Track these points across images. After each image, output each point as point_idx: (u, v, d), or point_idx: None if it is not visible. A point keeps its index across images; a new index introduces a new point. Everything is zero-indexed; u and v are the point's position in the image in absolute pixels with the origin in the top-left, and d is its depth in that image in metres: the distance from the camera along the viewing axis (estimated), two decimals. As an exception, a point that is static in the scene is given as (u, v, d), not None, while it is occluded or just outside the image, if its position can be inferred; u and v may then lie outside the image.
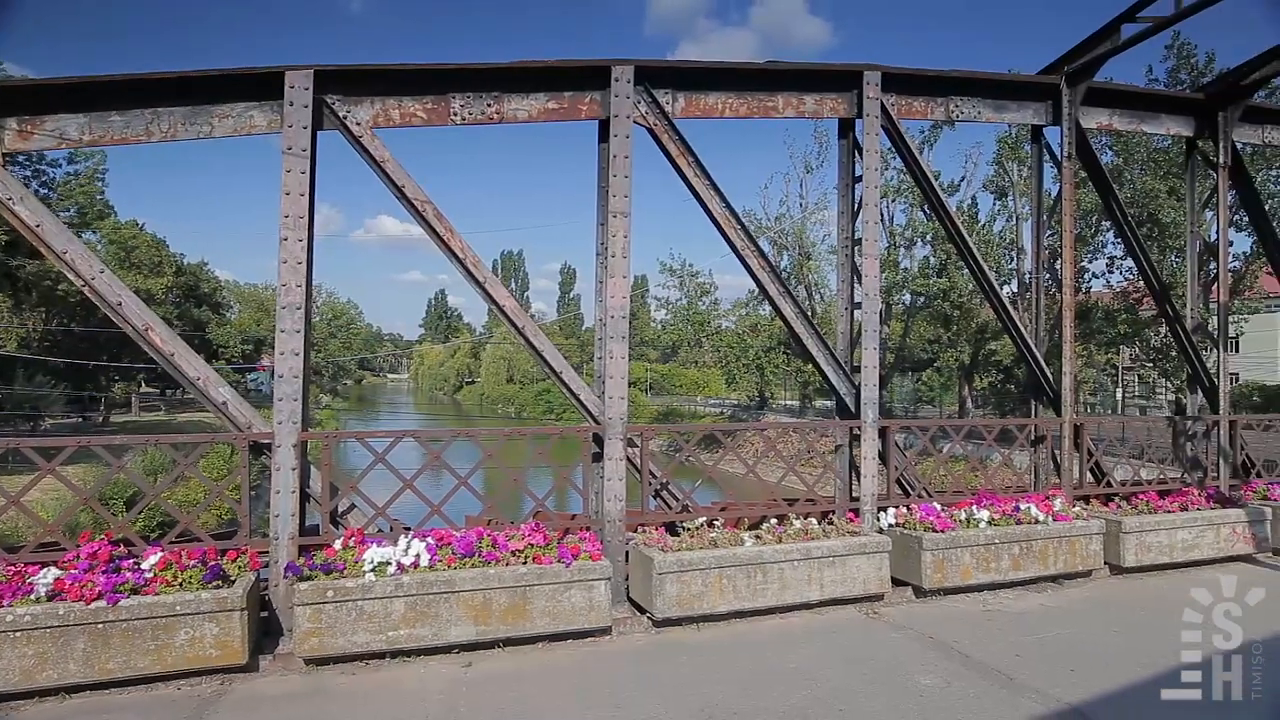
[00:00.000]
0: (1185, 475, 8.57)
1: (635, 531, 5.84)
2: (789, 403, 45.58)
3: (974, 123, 7.56)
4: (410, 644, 4.72)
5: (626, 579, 5.71)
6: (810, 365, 6.93)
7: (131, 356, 35.57)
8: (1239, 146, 8.68)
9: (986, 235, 28.89)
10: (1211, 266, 8.69)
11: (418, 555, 4.87)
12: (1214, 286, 8.73)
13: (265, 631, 4.99)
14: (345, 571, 4.76)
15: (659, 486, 6.28)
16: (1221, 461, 8.36)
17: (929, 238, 30.21)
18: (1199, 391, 8.66)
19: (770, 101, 6.69)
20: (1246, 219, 10.27)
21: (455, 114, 5.85)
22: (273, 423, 5.18)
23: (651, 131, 6.25)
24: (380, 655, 4.75)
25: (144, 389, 50.94)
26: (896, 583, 6.14)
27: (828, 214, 35.00)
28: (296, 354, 5.21)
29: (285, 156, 5.27)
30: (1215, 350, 8.71)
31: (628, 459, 5.91)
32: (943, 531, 6.12)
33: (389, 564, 4.79)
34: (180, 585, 4.47)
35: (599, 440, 5.81)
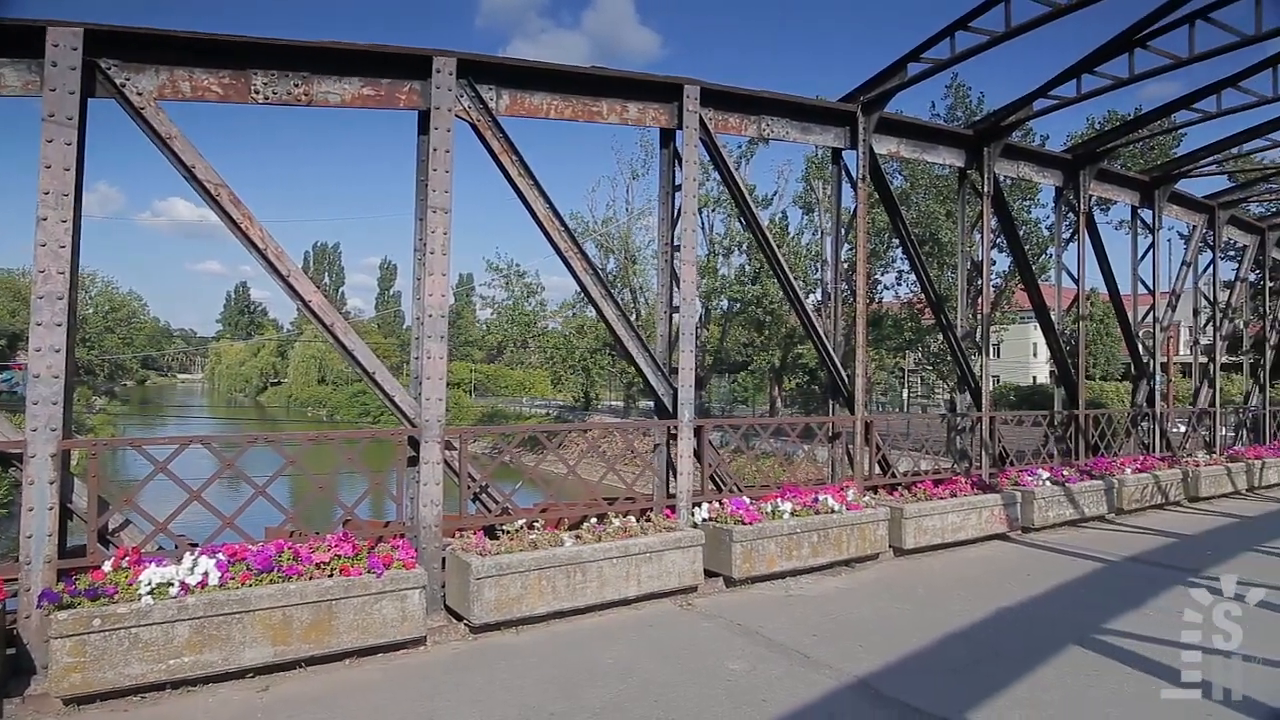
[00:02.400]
0: (955, 465, 9.71)
1: (453, 537, 5.68)
2: (614, 403, 46.33)
3: (784, 141, 8.09)
4: (197, 672, 4.29)
5: (443, 586, 5.55)
6: (633, 367, 7.09)
7: None
8: (1000, 178, 9.98)
9: (795, 247, 31.05)
10: (978, 282, 9.89)
11: (206, 573, 4.43)
12: (979, 300, 9.94)
13: (14, 671, 4.32)
14: (117, 596, 4.23)
15: (478, 490, 6.16)
16: (984, 453, 9.54)
17: (745, 247, 31.97)
18: (967, 392, 9.84)
19: (595, 106, 6.78)
20: (1005, 242, 11.89)
21: (257, 92, 5.41)
22: (25, 430, 4.50)
23: (475, 127, 6.12)
24: (160, 687, 4.26)
25: None
26: (709, 574, 6.44)
27: (652, 219, 36.12)
28: (57, 351, 4.57)
29: (46, 124, 4.62)
30: (980, 355, 9.94)
31: (446, 462, 5.74)
32: (751, 524, 6.50)
33: (171, 585, 4.32)
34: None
35: (415, 443, 5.60)
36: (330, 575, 4.70)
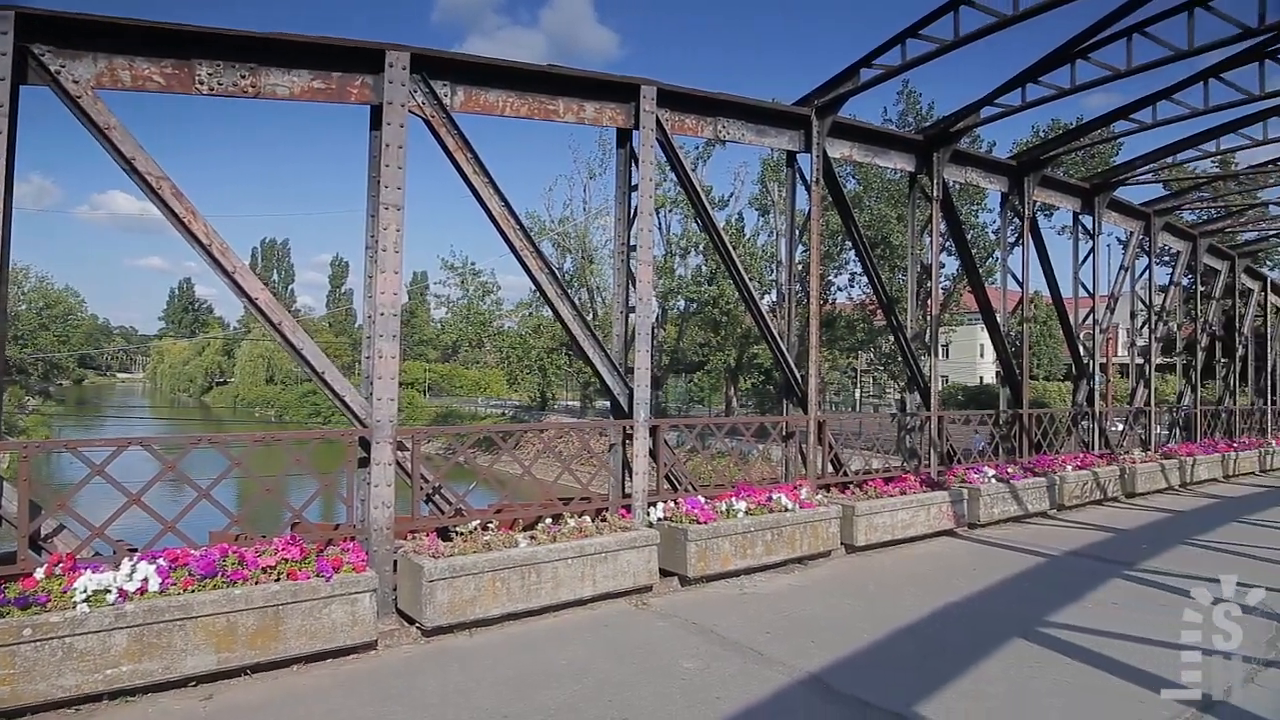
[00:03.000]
0: (905, 463, 9.92)
1: (405, 539, 5.60)
2: (570, 403, 46.19)
3: (740, 143, 8.16)
4: (136, 681, 4.14)
5: (395, 590, 5.46)
6: (589, 367, 7.09)
7: None
8: (949, 183, 10.22)
9: (751, 248, 31.37)
10: (928, 284, 10.12)
11: (146, 579, 4.28)
12: (928, 302, 10.17)
13: (-66, 685, 4.11)
14: (49, 604, 4.06)
15: (431, 491, 6.08)
16: (932, 451, 9.77)
17: (702, 247, 32.18)
18: (916, 391, 10.06)
19: (552, 105, 6.75)
20: (954, 246, 12.23)
21: (201, 82, 5.25)
22: (-51, 431, 4.30)
23: (429, 123, 6.04)
24: (96, 698, 4.11)
25: None
26: (665, 573, 6.46)
27: (610, 219, 35.94)
28: (-16, 348, 4.37)
29: (-29, 112, 4.41)
30: (929, 356, 10.17)
31: (398, 463, 5.65)
32: (706, 523, 6.54)
33: (108, 592, 4.17)
34: None
35: (366, 444, 5.50)
36: (277, 580, 4.59)
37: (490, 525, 5.87)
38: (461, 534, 5.61)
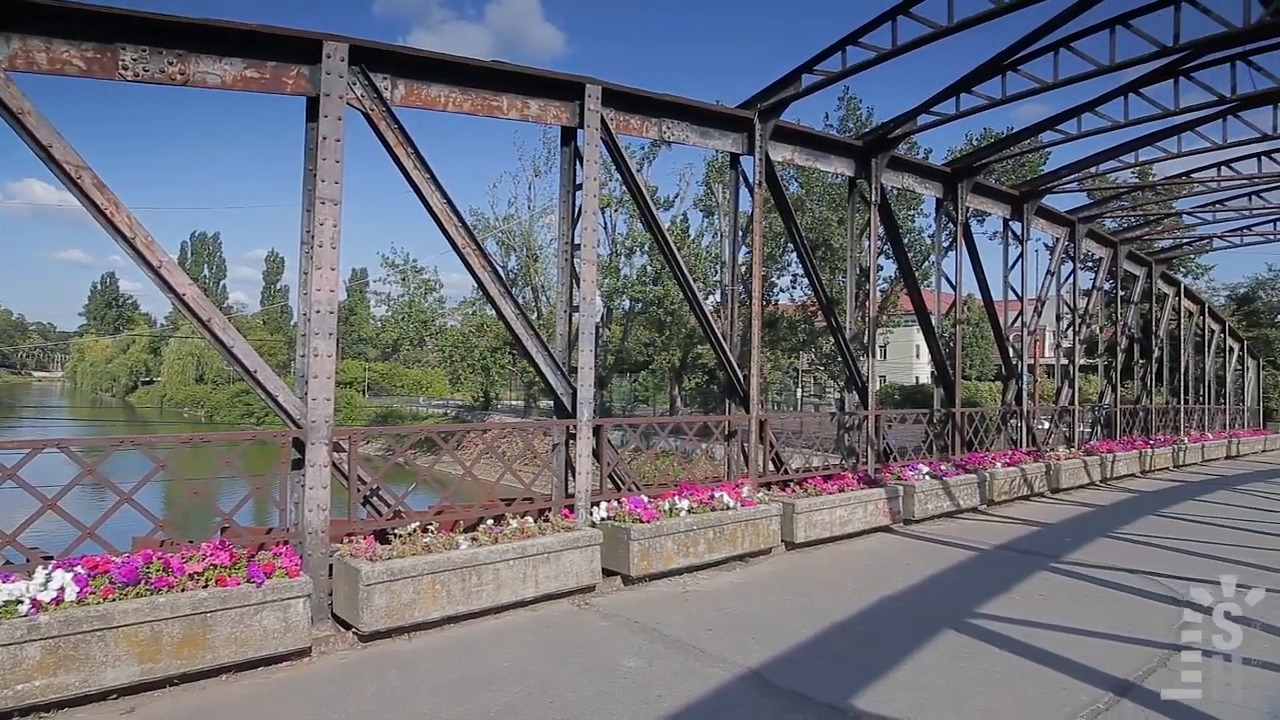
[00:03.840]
0: (843, 461, 10.13)
1: (342, 543, 5.46)
2: (514, 403, 45.76)
3: (684, 144, 8.21)
4: (51, 696, 3.93)
5: (331, 594, 5.32)
6: (532, 366, 7.04)
7: None
8: (886, 188, 10.48)
9: (696, 249, 31.57)
10: (866, 287, 10.36)
11: (62, 588, 4.07)
12: (867, 303, 10.41)
13: None
14: (-47, 616, 3.84)
15: (369, 493, 5.95)
16: (869, 449, 10.00)
17: (647, 247, 32.25)
18: (855, 391, 10.29)
19: (495, 101, 6.68)
20: (891, 249, 12.60)
21: (126, 68, 5.02)
22: None
23: (368, 116, 5.91)
24: (6, 716, 3.89)
25: None
26: (608, 573, 6.46)
27: (555, 218, 35.74)
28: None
29: None
30: (867, 356, 10.41)
31: (334, 465, 5.51)
32: (649, 522, 6.56)
33: (20, 602, 3.95)
34: None
35: (300, 445, 5.35)
36: (205, 586, 4.42)
37: (431, 527, 5.77)
38: (400, 536, 5.51)
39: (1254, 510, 11.31)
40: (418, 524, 5.71)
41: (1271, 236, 18.03)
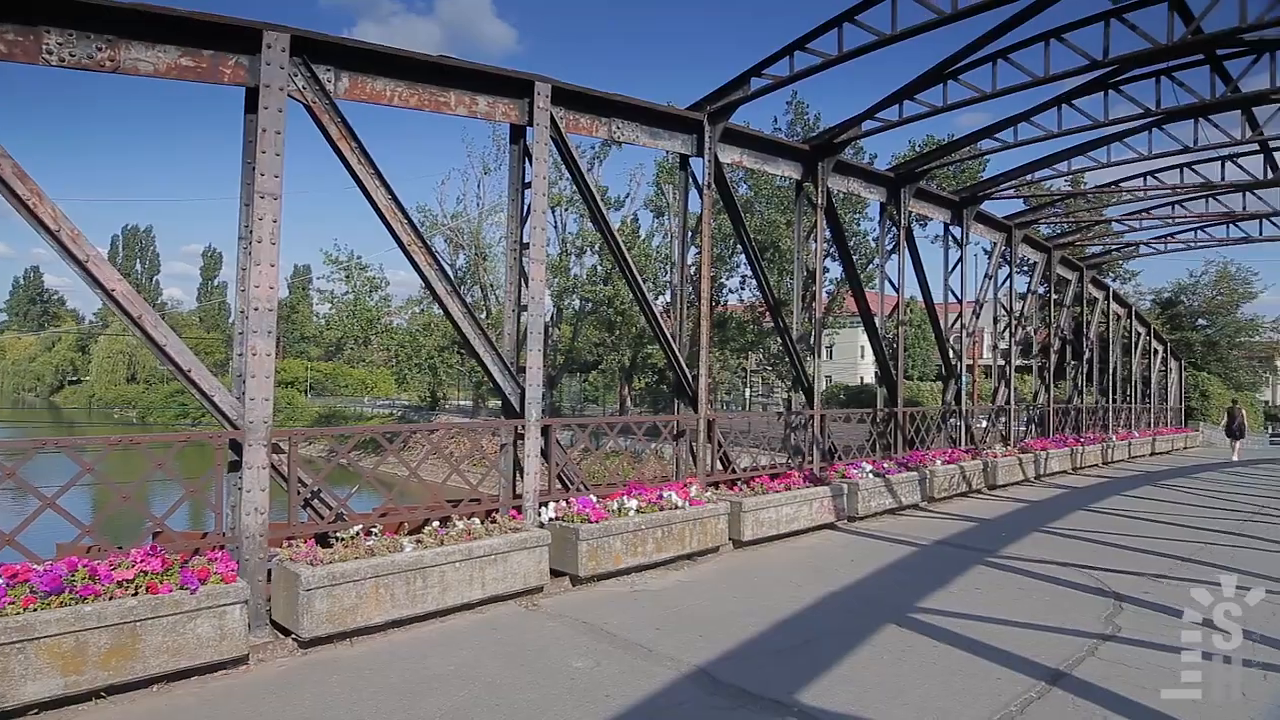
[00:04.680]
0: (790, 460, 10.28)
1: (281, 547, 5.31)
2: (463, 403, 45.20)
3: (634, 145, 8.23)
4: (-37, 711, 3.74)
5: (269, 600, 5.17)
6: (480, 366, 6.97)
7: None
8: (833, 191, 10.68)
9: (646, 250, 31.64)
10: (813, 288, 10.54)
11: (-23, 598, 3.87)
12: (813, 305, 10.59)
13: None
14: None
15: (310, 495, 5.80)
16: (815, 448, 10.18)
17: (597, 247, 32.19)
18: (801, 391, 10.45)
19: (443, 97, 6.59)
20: (837, 251, 12.88)
21: (50, 53, 4.80)
22: None
23: (310, 109, 5.77)
24: (-86, 733, 3.69)
25: None
26: (556, 573, 6.42)
27: (505, 215, 35.34)
28: None
29: None
30: (813, 357, 10.59)
31: (273, 467, 5.36)
32: (597, 522, 6.55)
33: (-70, 613, 3.74)
34: None
35: (237, 447, 5.19)
36: (135, 594, 4.25)
37: (374, 530, 5.66)
38: (343, 540, 5.39)
39: (1176, 505, 11.87)
40: (361, 527, 5.60)
41: (1193, 244, 18.98)
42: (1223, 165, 13.09)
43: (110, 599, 4.16)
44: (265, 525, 5.19)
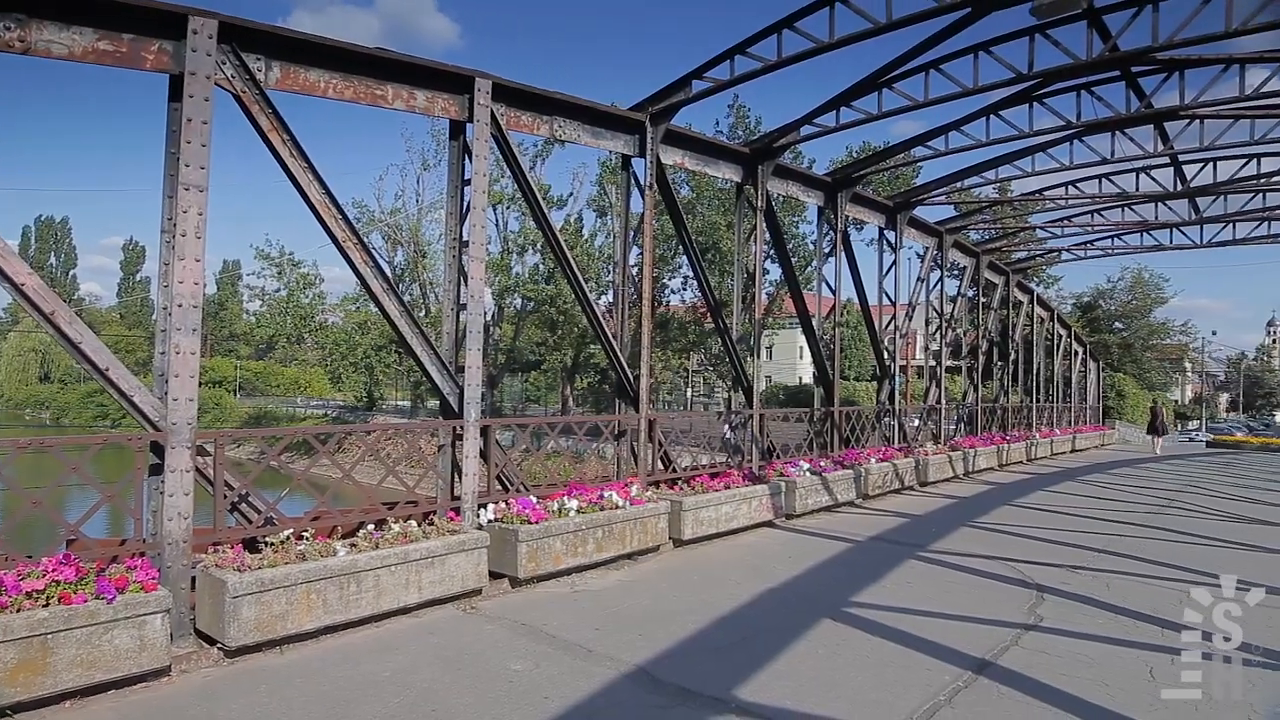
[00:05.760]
0: (730, 459, 10.40)
1: (206, 553, 5.11)
2: (400, 403, 44.27)
3: (576, 144, 8.20)
4: None
5: (194, 609, 4.97)
6: (418, 365, 6.84)
7: None
8: (773, 194, 10.84)
9: (589, 249, 31.57)
10: (753, 290, 10.68)
11: None
12: (753, 306, 10.73)
13: None
14: None
15: (237, 499, 5.60)
16: (754, 447, 10.32)
17: (539, 245, 31.95)
18: (741, 390, 10.58)
19: (380, 90, 6.45)
20: (776, 254, 13.09)
21: (-49, 31, 4.51)
22: None
23: (239, 99, 5.57)
24: None
25: None
26: (496, 576, 6.35)
27: (444, 212, 34.70)
28: None
29: None
30: (752, 357, 10.74)
31: (198, 470, 5.16)
32: (537, 523, 6.51)
33: None
34: None
35: (159, 449, 4.97)
36: (46, 605, 4.03)
37: (306, 534, 5.49)
38: (272, 544, 5.21)
39: (1093, 499, 12.46)
40: (291, 531, 5.42)
41: (1110, 251, 19.96)
42: (1137, 177, 13.82)
43: (18, 611, 3.93)
44: (189, 531, 4.99)
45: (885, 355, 14.00)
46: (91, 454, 5.33)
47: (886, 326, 14.53)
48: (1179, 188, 13.41)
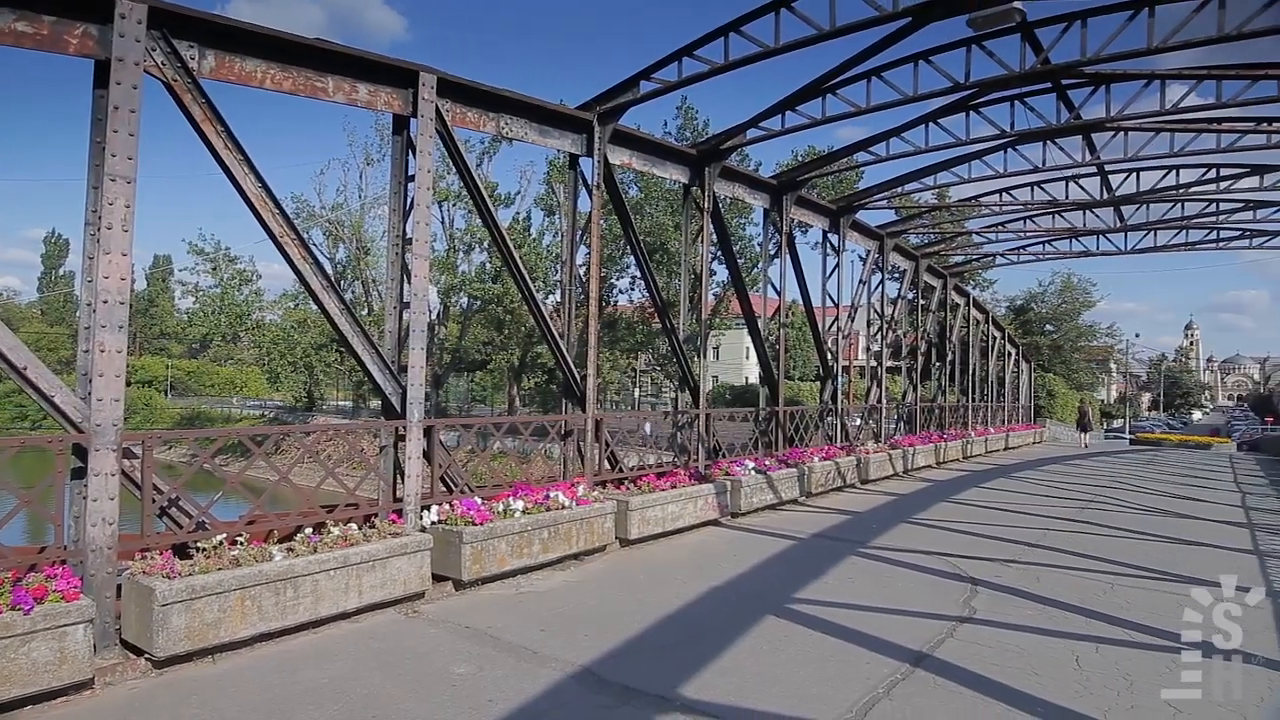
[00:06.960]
0: (676, 459, 10.46)
1: (133, 560, 4.90)
2: (342, 404, 43.23)
3: (523, 142, 8.13)
4: None
5: (119, 618, 4.76)
6: (359, 365, 6.69)
7: None
8: (719, 196, 10.94)
9: (537, 248, 31.36)
10: (700, 290, 10.77)
11: None
12: (700, 306, 10.81)
13: None
14: None
15: (167, 503, 5.39)
16: (700, 446, 10.40)
17: (486, 244, 31.60)
18: (688, 390, 10.66)
19: (320, 82, 6.28)
20: (722, 255, 13.27)
21: None
22: None
23: (171, 88, 5.37)
24: None
25: None
26: (439, 578, 6.25)
27: (387, 209, 34.05)
28: None
29: None
30: (699, 357, 10.82)
31: (125, 473, 4.94)
32: (482, 524, 6.43)
33: None
34: None
35: (82, 452, 4.75)
36: (-45, 617, 3.82)
37: (241, 539, 5.33)
38: (204, 550, 5.03)
39: (1025, 495, 12.93)
40: (225, 536, 5.24)
41: (1041, 256, 20.77)
42: (1067, 185, 14.40)
43: (-76, 624, 3.72)
44: (114, 537, 4.77)
45: (829, 356, 14.27)
46: (8, 457, 5.07)
47: (830, 328, 14.81)
48: (1105, 196, 14.01)
